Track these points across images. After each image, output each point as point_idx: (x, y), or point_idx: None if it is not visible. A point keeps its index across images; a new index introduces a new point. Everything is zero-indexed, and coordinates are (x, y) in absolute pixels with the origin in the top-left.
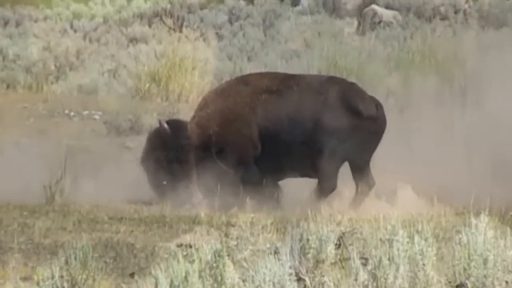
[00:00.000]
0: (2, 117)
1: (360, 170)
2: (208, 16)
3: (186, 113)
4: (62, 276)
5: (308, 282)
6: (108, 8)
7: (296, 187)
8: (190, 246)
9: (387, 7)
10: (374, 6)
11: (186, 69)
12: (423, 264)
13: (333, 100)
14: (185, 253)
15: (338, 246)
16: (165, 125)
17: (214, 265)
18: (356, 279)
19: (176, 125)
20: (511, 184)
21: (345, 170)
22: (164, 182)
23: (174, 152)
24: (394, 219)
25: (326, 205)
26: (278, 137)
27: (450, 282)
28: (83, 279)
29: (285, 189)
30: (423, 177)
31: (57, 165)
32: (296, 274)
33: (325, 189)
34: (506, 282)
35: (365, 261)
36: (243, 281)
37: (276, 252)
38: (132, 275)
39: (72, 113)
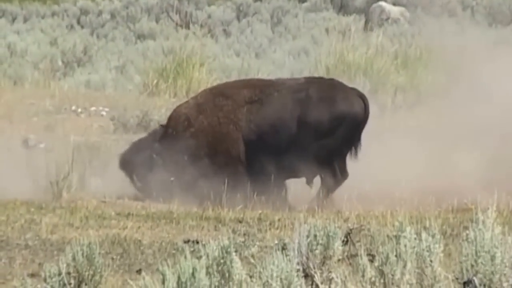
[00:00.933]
0: (9, 113)
1: (342, 160)
2: (216, 12)
3: None
4: (69, 273)
5: (315, 278)
6: (115, 4)
7: (303, 184)
8: (197, 242)
9: (395, 3)
10: (381, 3)
11: (193, 66)
12: (431, 261)
13: (314, 95)
14: (192, 249)
15: (345, 242)
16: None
17: (222, 261)
18: (363, 276)
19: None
20: None
21: None
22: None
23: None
24: (401, 216)
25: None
26: (267, 143)
27: (457, 278)
28: (90, 276)
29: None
30: (428, 173)
31: (64, 162)
32: (304, 270)
33: (330, 183)
34: None
35: (372, 258)
36: (251, 277)
37: (283, 248)
38: (139, 271)
39: (79, 109)
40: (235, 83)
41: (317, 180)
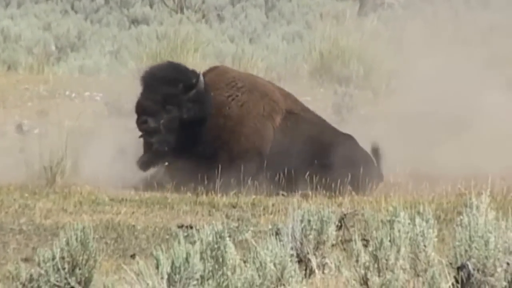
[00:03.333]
0: (3, 98)
1: None
2: None
3: None
4: (63, 257)
5: (309, 263)
6: None
7: None
8: (191, 227)
9: None
10: None
11: (187, 51)
12: (424, 246)
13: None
14: (186, 234)
15: (339, 227)
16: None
17: (215, 246)
18: (357, 261)
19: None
20: None
21: None
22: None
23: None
24: (395, 201)
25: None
26: (284, 155)
27: (451, 263)
28: (84, 260)
29: None
30: (422, 158)
31: (58, 147)
32: (298, 255)
33: None
34: (508, 263)
35: (366, 243)
36: (244, 262)
37: (277, 233)
38: (133, 256)
39: (73, 94)
40: (283, 93)
41: None
